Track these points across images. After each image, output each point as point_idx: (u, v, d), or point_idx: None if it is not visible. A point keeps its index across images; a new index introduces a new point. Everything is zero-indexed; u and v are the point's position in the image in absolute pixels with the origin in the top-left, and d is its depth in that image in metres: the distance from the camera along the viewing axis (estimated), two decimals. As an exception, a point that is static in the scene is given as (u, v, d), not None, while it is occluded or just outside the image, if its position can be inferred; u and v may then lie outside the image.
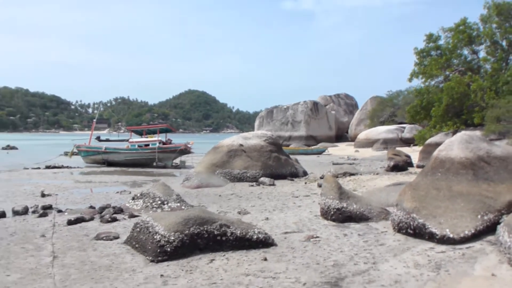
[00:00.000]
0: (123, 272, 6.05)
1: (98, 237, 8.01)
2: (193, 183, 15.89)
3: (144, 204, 10.81)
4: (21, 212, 10.55)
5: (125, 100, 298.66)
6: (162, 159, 26.49)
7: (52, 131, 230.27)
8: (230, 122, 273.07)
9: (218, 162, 17.94)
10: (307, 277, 5.69)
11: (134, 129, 31.84)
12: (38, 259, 6.74)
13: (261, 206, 11.50)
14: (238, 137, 19.62)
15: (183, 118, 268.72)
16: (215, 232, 6.93)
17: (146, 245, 6.81)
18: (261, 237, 7.20)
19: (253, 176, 17.16)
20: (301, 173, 18.89)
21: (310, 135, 57.67)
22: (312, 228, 8.62)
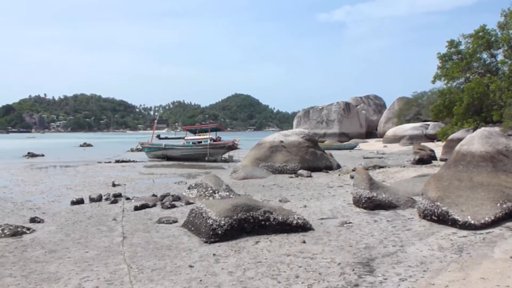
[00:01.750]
0: (181, 251, 6.16)
1: (160, 221, 8.18)
2: (239, 175, 15.97)
3: (198, 193, 10.95)
4: (96, 199, 10.92)
5: (181, 103, 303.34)
6: (213, 154, 26.74)
7: (120, 130, 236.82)
8: (271, 122, 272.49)
9: (262, 156, 17.97)
10: (341, 258, 5.63)
11: (189, 128, 32.24)
12: (110, 239, 6.97)
13: (299, 195, 11.44)
14: (279, 135, 19.58)
15: (231, 118, 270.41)
16: (260, 218, 6.95)
17: (200, 228, 6.91)
18: (300, 222, 7.17)
19: (292, 168, 17.09)
20: (335, 166, 18.65)
21: (342, 132, 56.82)
22: (346, 215, 8.51)
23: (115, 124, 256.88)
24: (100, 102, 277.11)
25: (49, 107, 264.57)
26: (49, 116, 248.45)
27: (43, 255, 6.10)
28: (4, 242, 6.83)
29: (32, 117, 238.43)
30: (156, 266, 5.44)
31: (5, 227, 7.37)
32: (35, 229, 7.71)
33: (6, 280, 5.05)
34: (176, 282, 4.85)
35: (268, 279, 4.92)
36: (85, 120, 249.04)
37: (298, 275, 5.00)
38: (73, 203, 10.51)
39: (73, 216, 9.02)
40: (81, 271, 5.34)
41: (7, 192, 13.00)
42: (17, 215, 9.21)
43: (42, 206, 10.37)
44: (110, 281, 4.94)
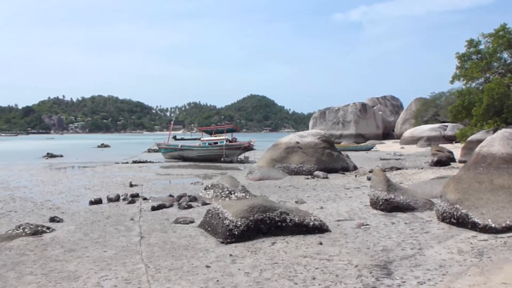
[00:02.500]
0: (198, 251, 6.19)
1: (176, 221, 8.24)
2: (255, 176, 15.98)
3: (215, 194, 10.99)
4: (114, 199, 11.05)
5: (197, 105, 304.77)
6: (228, 155, 26.82)
7: (137, 131, 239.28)
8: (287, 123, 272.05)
9: (278, 157, 17.95)
10: (358, 260, 5.59)
11: (205, 129, 32.40)
12: (128, 239, 7.04)
13: (316, 197, 11.40)
14: (295, 136, 19.54)
15: (246, 119, 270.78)
16: (276, 219, 6.94)
17: (217, 229, 6.93)
18: (317, 223, 7.14)
19: (308, 170, 17.04)
20: (352, 168, 18.52)
21: (359, 133, 56.42)
22: (363, 217, 8.44)
23: (132, 125, 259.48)
24: (117, 104, 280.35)
25: (68, 109, 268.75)
26: (68, 118, 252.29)
27: (63, 254, 6.20)
28: (25, 241, 6.97)
29: (51, 119, 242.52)
30: (173, 266, 5.48)
31: (25, 226, 7.51)
32: (54, 228, 7.84)
33: (27, 278, 5.14)
34: (193, 282, 4.87)
35: (285, 280, 4.91)
36: (103, 121, 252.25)
37: (314, 277, 4.98)
38: (92, 203, 10.67)
39: (91, 216, 9.15)
40: (100, 270, 5.41)
41: (27, 192, 13.25)
42: (37, 215, 9.38)
43: (61, 206, 10.54)
44: (128, 280, 4.99)
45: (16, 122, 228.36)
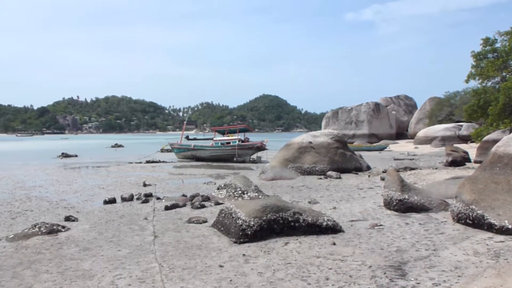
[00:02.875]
0: (211, 251, 6.21)
1: (190, 220, 8.28)
2: (268, 176, 15.98)
3: (227, 193, 11.02)
4: (128, 199, 11.14)
5: (209, 105, 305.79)
6: (241, 155, 26.85)
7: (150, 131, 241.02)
8: (299, 122, 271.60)
9: (290, 157, 17.93)
10: (372, 261, 5.55)
11: (218, 129, 32.47)
12: (142, 238, 7.10)
13: (329, 197, 11.36)
14: (308, 135, 19.49)
15: (258, 119, 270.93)
16: (289, 219, 6.93)
17: (230, 229, 6.95)
18: (330, 224, 7.11)
19: (321, 170, 16.98)
20: (365, 168, 18.41)
21: (372, 133, 56.03)
22: (376, 217, 8.39)
23: (145, 125, 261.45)
24: (130, 104, 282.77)
25: (82, 109, 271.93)
26: (82, 118, 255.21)
27: (78, 252, 6.27)
28: (40, 239, 7.06)
29: (65, 119, 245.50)
30: (187, 265, 5.50)
31: (41, 225, 7.61)
32: (69, 227, 7.94)
33: (43, 276, 5.21)
34: (207, 282, 4.89)
35: (298, 280, 4.90)
36: (116, 122, 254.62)
37: (328, 277, 4.96)
38: (106, 203, 10.77)
39: (105, 215, 9.24)
40: (114, 268, 5.46)
41: (42, 191, 13.43)
42: (53, 214, 9.51)
43: (76, 205, 10.67)
44: (142, 279, 5.03)
45: (32, 123, 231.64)
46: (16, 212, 9.77)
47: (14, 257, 6.11)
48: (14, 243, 6.92)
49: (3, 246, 6.76)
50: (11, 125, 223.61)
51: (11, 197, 12.11)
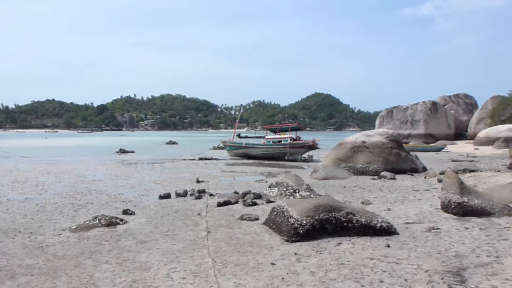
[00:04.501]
0: (263, 248, 6.25)
1: (242, 217, 8.37)
2: (320, 175, 15.83)
3: (279, 192, 11.03)
4: (182, 194, 11.43)
5: (261, 103, 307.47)
6: (292, 154, 26.77)
7: (203, 129, 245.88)
8: (352, 121, 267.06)
9: (343, 157, 17.67)
10: (429, 265, 5.36)
11: (269, 127, 32.57)
12: (196, 233, 7.26)
13: (382, 198, 11.08)
14: (361, 135, 19.10)
15: (310, 118, 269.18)
16: (342, 219, 6.84)
17: (281, 227, 6.96)
18: (384, 225, 6.94)
19: (374, 170, 16.61)
20: (421, 169, 17.79)
21: (428, 133, 53.94)
22: (433, 220, 8.08)
23: (198, 123, 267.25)
24: (184, 102, 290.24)
25: (138, 107, 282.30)
26: (138, 115, 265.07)
27: (135, 245, 6.52)
28: (100, 231, 7.42)
29: (123, 116, 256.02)
30: (239, 262, 5.57)
31: (101, 218, 7.99)
32: (127, 220, 8.27)
33: (103, 267, 5.47)
34: (259, 279, 4.93)
35: (351, 281, 4.83)
36: (171, 119, 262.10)
37: (382, 280, 4.85)
38: (161, 198, 11.12)
39: (161, 209, 9.54)
40: (169, 262, 5.63)
41: (102, 185, 14.08)
42: (111, 207, 9.94)
43: (133, 199, 11.09)
44: (196, 273, 5.15)
45: (92, 120, 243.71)
46: (78, 205, 10.31)
47: (77, 247, 6.45)
48: (76, 233, 7.31)
49: (67, 236, 7.16)
50: (73, 122, 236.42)
51: (73, 190, 12.79)
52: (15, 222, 8.29)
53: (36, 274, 5.22)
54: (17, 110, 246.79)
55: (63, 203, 10.55)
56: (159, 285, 4.77)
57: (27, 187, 13.46)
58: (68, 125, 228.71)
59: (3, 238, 7.02)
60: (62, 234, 7.31)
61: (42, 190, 12.93)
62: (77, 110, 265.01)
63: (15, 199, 11.23)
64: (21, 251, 6.25)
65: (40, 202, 10.64)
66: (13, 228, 7.79)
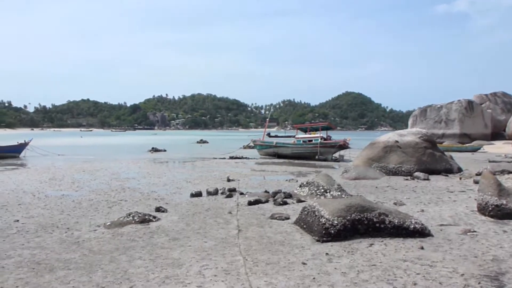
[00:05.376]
0: (294, 247, 6.24)
1: (272, 216, 8.38)
2: (351, 175, 15.66)
3: (310, 191, 10.97)
4: (212, 193, 11.55)
5: (291, 102, 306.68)
6: (323, 153, 26.56)
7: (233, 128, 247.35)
8: (384, 121, 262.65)
9: (375, 156, 17.41)
10: (465, 269, 5.22)
11: (300, 126, 32.40)
12: (227, 231, 7.32)
13: (416, 199, 10.86)
14: (394, 134, 18.75)
15: (341, 117, 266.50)
16: (374, 220, 6.74)
17: (312, 227, 6.92)
18: (418, 227, 6.80)
19: (407, 170, 16.29)
20: (456, 169, 17.31)
21: (464, 133, 52.36)
22: (469, 223, 7.86)
23: (228, 122, 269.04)
24: (215, 101, 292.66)
25: (170, 106, 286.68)
26: (170, 115, 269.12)
27: (168, 242, 6.64)
28: (134, 228, 7.58)
29: (155, 116, 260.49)
30: (270, 261, 5.58)
31: (135, 214, 8.17)
32: (160, 217, 8.43)
33: (137, 262, 5.59)
34: (290, 278, 4.93)
35: (383, 283, 4.76)
36: (201, 118, 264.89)
37: (416, 282, 4.76)
38: (192, 196, 11.27)
39: (192, 207, 9.67)
40: (201, 259, 5.70)
41: (135, 183, 14.38)
42: (144, 204, 10.14)
43: (165, 197, 11.28)
44: (228, 271, 5.20)
45: (125, 119, 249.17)
46: (112, 202, 10.57)
47: (111, 243, 6.62)
48: (111, 230, 7.50)
49: (102, 232, 7.36)
50: (107, 121, 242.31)
51: (108, 188, 13.12)
52: (53, 218, 8.58)
53: (73, 268, 5.38)
54: (53, 109, 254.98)
55: (98, 200, 10.85)
56: (191, 282, 4.84)
57: (63, 184, 13.90)
58: (102, 124, 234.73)
59: (42, 233, 7.28)
60: (97, 230, 7.52)
61: (78, 187, 13.32)
62: (111, 109, 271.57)
63: (53, 195, 11.62)
64: (59, 246, 6.47)
65: (76, 199, 10.97)
66: (51, 223, 8.07)
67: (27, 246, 6.43)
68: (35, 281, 4.90)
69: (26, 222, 8.21)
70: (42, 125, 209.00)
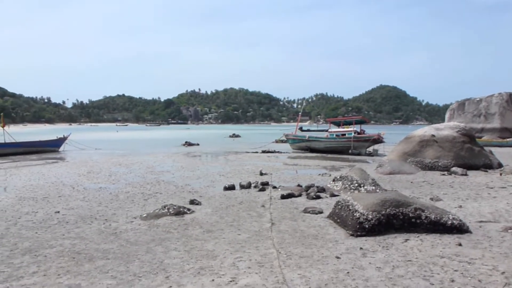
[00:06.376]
0: (327, 241, 6.21)
1: (305, 210, 8.36)
2: (385, 170, 15.39)
3: (343, 186, 10.88)
4: (245, 186, 11.62)
5: (324, 96, 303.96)
6: (356, 147, 26.22)
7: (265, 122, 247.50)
8: (419, 115, 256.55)
9: (410, 151, 17.05)
10: (506, 267, 5.05)
11: (333, 120, 32.09)
12: (260, 224, 7.37)
13: (453, 194, 10.57)
14: (430, 128, 18.28)
15: (375, 111, 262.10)
16: (410, 215, 6.62)
17: (346, 221, 6.87)
18: (456, 223, 6.63)
19: (444, 165, 15.86)
20: (496, 165, 16.71)
21: (504, 127, 50.32)
22: (510, 220, 7.60)
23: (261, 116, 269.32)
24: (247, 96, 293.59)
25: (203, 101, 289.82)
26: (203, 109, 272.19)
27: (202, 234, 6.74)
28: (169, 219, 7.74)
29: (188, 110, 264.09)
30: (304, 254, 5.58)
31: (170, 207, 8.33)
32: (194, 210, 8.56)
33: (172, 253, 5.71)
34: (324, 271, 4.92)
35: (420, 279, 4.68)
36: (234, 113, 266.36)
37: (453, 279, 4.65)
38: (225, 189, 11.37)
39: (225, 200, 9.77)
40: (235, 251, 5.76)
41: (169, 176, 14.64)
42: (179, 197, 10.32)
43: (199, 190, 11.44)
44: (261, 263, 5.23)
45: (159, 114, 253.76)
46: (147, 194, 10.81)
47: (148, 234, 6.79)
48: (147, 221, 7.68)
49: (138, 223, 7.55)
50: (142, 116, 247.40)
51: (143, 181, 13.42)
52: (91, 210, 8.86)
53: (111, 258, 5.55)
54: (90, 105, 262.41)
55: (134, 192, 11.12)
56: (226, 273, 4.90)
57: (101, 177, 14.31)
58: (137, 119, 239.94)
59: (81, 224, 7.53)
60: (134, 221, 7.72)
61: (115, 180, 13.69)
62: (145, 104, 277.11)
63: (91, 188, 11.99)
64: (97, 236, 6.68)
65: (113, 191, 11.28)
66: (89, 215, 8.34)
67: (68, 236, 6.67)
68: (75, 270, 5.09)
69: (66, 213, 8.51)
70: (79, 120, 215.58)
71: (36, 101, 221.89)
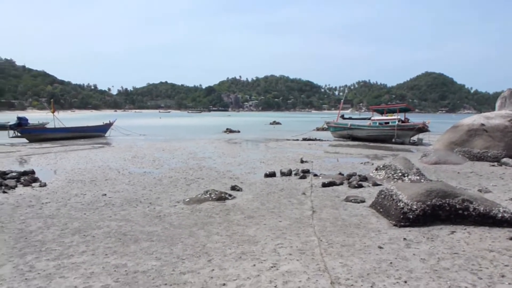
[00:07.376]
0: (369, 231, 6.12)
1: (347, 199, 8.26)
2: (431, 159, 14.93)
3: (386, 175, 10.65)
4: (286, 173, 11.60)
5: (366, 83, 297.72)
6: (400, 136, 25.57)
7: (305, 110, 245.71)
8: (467, 103, 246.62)
9: (457, 140, 16.44)
10: (560, 262, 4.81)
11: (376, 108, 31.39)
12: (301, 211, 7.35)
13: (504, 186, 10.12)
14: (479, 117, 17.51)
15: (419, 98, 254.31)
16: (457, 206, 6.40)
17: (389, 211, 6.74)
18: (507, 216, 6.34)
19: (494, 156, 15.19)
20: (551, 156, 15.86)
21: (561, 116, 47.72)
22: None
23: (301, 103, 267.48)
24: (287, 83, 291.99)
25: (243, 88, 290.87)
26: (243, 96, 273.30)
27: (243, 219, 6.81)
28: (211, 204, 7.86)
29: (229, 97, 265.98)
30: (345, 243, 5.53)
31: (212, 192, 8.46)
32: (235, 196, 8.65)
33: (214, 238, 5.80)
34: (366, 261, 4.85)
35: (467, 273, 4.53)
36: (274, 100, 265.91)
37: (504, 275, 4.47)
38: (266, 176, 11.40)
39: (266, 187, 9.80)
40: (276, 237, 5.78)
41: (211, 162, 14.84)
42: (220, 183, 10.45)
43: (240, 176, 11.53)
44: (302, 250, 5.23)
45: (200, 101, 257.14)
46: (190, 179, 11.01)
47: (190, 218, 6.93)
48: (190, 206, 7.83)
49: (181, 208, 7.71)
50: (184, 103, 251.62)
51: (185, 166, 13.68)
52: (136, 193, 9.13)
53: (156, 240, 5.71)
54: (134, 92, 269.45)
55: (177, 177, 11.35)
56: (267, 259, 4.94)
57: (145, 162, 14.70)
58: (179, 105, 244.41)
59: (127, 207, 7.78)
60: (177, 205, 7.89)
61: (158, 165, 14.02)
62: (187, 91, 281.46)
63: (136, 172, 12.35)
64: (142, 219, 6.88)
65: (157, 176, 11.57)
66: (135, 198, 8.60)
67: (114, 218, 6.92)
68: (121, 250, 5.28)
69: (112, 196, 8.82)
70: (124, 107, 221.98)
71: (83, 88, 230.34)
